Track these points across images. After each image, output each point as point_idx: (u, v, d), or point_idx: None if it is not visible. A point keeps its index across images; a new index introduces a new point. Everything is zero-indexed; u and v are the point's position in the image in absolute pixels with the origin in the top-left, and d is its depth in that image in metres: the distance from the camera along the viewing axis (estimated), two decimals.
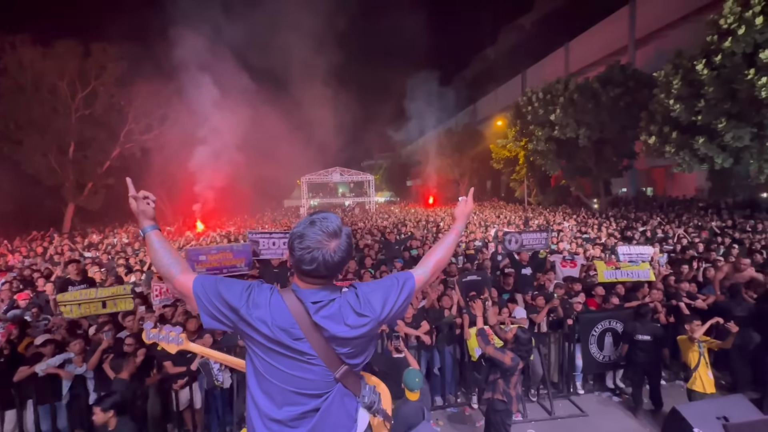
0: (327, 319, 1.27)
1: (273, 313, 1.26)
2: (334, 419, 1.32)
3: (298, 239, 1.27)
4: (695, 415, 2.78)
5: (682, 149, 12.50)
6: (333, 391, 1.32)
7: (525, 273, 6.24)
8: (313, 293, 1.29)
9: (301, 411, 1.29)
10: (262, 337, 1.26)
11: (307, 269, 1.27)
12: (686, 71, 12.12)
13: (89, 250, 12.05)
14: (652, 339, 4.77)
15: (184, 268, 1.38)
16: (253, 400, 1.34)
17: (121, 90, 20.65)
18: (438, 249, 1.59)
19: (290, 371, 1.27)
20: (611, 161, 19.43)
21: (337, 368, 1.30)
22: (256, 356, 1.31)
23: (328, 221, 1.29)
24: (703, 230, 11.46)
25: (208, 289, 1.29)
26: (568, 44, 31.46)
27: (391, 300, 1.35)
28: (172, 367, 4.62)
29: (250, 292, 1.28)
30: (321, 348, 1.27)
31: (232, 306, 1.26)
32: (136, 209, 1.47)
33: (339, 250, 1.28)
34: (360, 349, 1.35)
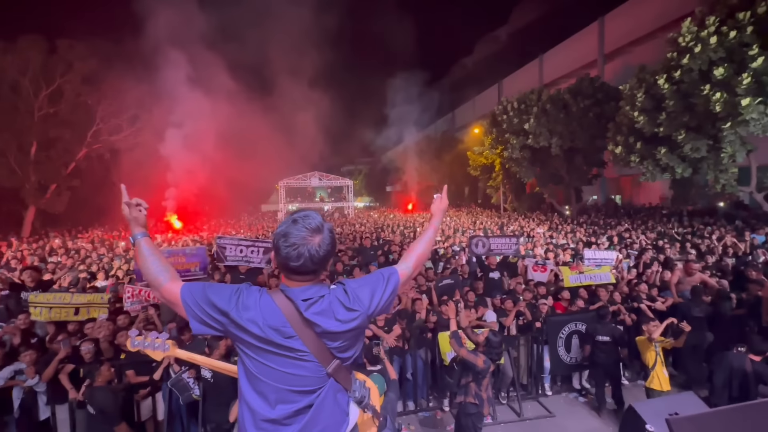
0: (318, 315, 1.30)
1: (264, 313, 1.28)
2: (327, 414, 1.35)
3: (282, 238, 1.30)
4: (649, 412, 2.91)
5: (646, 159, 13.12)
6: (325, 387, 1.35)
7: (493, 277, 6.37)
8: (303, 291, 1.32)
9: (295, 408, 1.31)
10: (254, 338, 1.29)
11: (294, 266, 1.30)
12: (649, 85, 12.77)
13: (51, 255, 11.45)
14: (611, 340, 4.96)
15: (173, 276, 1.40)
16: (246, 403, 1.35)
17: (89, 89, 19.81)
18: (418, 244, 1.65)
19: (283, 369, 1.30)
20: (582, 170, 20.16)
21: (328, 363, 1.33)
22: (248, 358, 1.33)
23: (310, 218, 1.33)
24: (664, 236, 12.05)
25: (195, 295, 1.32)
26: (542, 56, 32.58)
27: (378, 294, 1.40)
28: (135, 377, 4.45)
29: (239, 295, 1.31)
30: (313, 344, 1.30)
31: (221, 310, 1.29)
32: (128, 216, 1.49)
33: (323, 243, 1.32)
34: (350, 343, 1.39)
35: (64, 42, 18.99)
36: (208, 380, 4.05)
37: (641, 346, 4.62)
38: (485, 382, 3.80)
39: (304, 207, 26.60)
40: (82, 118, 19.85)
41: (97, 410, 3.94)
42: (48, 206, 20.00)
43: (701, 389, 5.23)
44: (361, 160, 54.75)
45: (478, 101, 41.36)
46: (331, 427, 1.35)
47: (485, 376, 3.78)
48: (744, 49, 9.93)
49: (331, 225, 1.38)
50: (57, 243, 13.66)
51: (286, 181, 34.11)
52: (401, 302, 5.78)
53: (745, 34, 9.95)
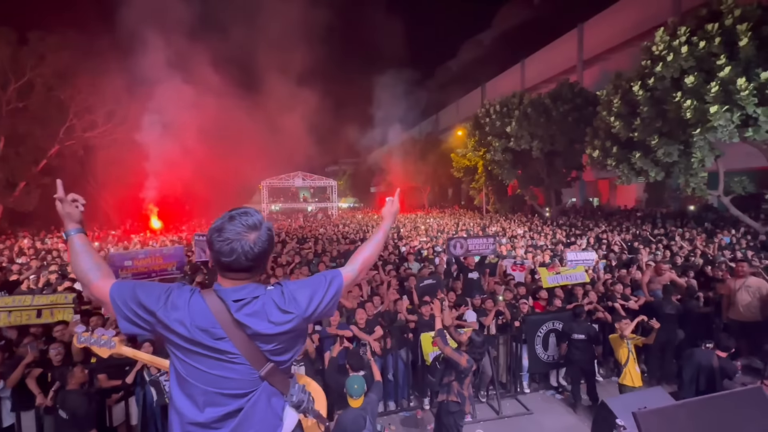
0: (249, 317, 1.26)
1: (192, 313, 1.25)
2: (258, 419, 1.30)
3: (216, 233, 1.27)
4: (619, 407, 3.00)
5: (621, 163, 13.54)
6: (258, 390, 1.31)
7: (472, 277, 6.47)
8: (236, 291, 1.29)
9: (224, 412, 1.28)
10: (181, 339, 1.25)
11: (226, 261, 1.27)
12: (624, 91, 13.20)
13: (19, 256, 10.96)
14: (586, 338, 5.11)
15: (104, 274, 1.36)
16: (174, 406, 1.31)
17: (62, 83, 19.05)
18: (366, 247, 1.61)
19: (212, 371, 1.26)
20: (561, 172, 20.67)
21: (261, 366, 1.29)
22: (177, 359, 1.30)
23: (248, 216, 1.30)
24: (639, 238, 12.48)
25: (125, 293, 1.29)
26: (524, 61, 33.26)
27: (317, 297, 1.36)
28: (107, 381, 4.31)
29: (169, 294, 1.28)
30: (244, 346, 1.26)
31: (148, 309, 1.26)
32: (62, 211, 1.46)
33: (259, 241, 1.29)
34: (286, 346, 1.34)
35: (35, 33, 18.24)
36: None
37: (614, 344, 4.78)
38: (467, 381, 3.85)
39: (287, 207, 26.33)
40: (54, 113, 19.06)
41: (69, 414, 3.80)
42: (17, 205, 19.12)
43: (672, 385, 5.45)
44: (346, 161, 54.62)
45: (462, 104, 41.87)
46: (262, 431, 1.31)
47: (467, 375, 3.83)
48: (712, 58, 10.39)
49: (270, 224, 1.35)
50: (26, 243, 13.10)
51: (268, 180, 33.68)
52: (383, 303, 5.80)
53: (714, 45, 10.41)
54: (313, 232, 17.22)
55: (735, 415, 1.91)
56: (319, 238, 14.47)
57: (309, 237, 14.68)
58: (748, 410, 1.91)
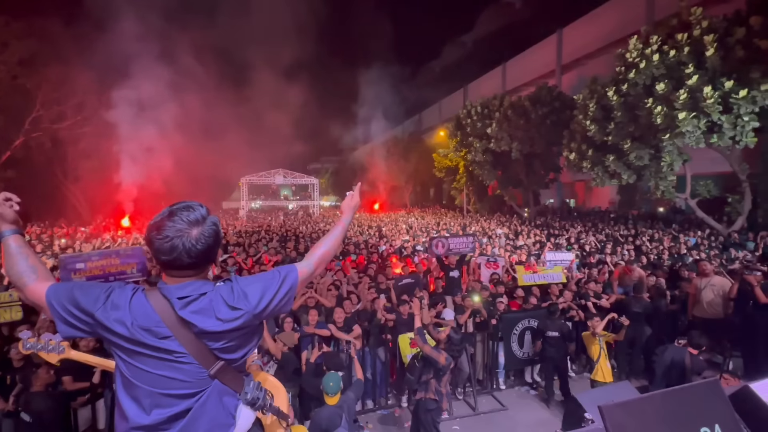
0: (195, 314, 1.22)
1: (134, 313, 1.20)
2: (207, 419, 1.26)
3: (155, 231, 1.21)
4: (589, 402, 3.09)
5: (596, 165, 13.99)
6: (208, 390, 1.26)
7: (453, 275, 6.54)
8: (180, 288, 1.24)
9: (171, 413, 1.23)
10: (122, 340, 1.20)
11: (166, 259, 1.22)
12: (600, 96, 13.63)
13: None
14: (560, 335, 5.25)
15: (41, 277, 1.29)
16: (120, 409, 1.26)
17: (28, 71, 18.12)
18: (323, 242, 1.58)
19: (158, 371, 1.21)
20: (540, 174, 21.16)
21: (211, 365, 1.25)
22: (121, 361, 1.25)
23: (190, 210, 1.24)
24: (610, 238, 12.92)
25: (61, 295, 1.23)
26: (505, 64, 33.85)
27: (269, 293, 1.32)
28: (72, 383, 4.13)
29: (109, 293, 1.22)
30: (191, 345, 1.22)
31: (86, 310, 1.20)
32: None
33: (202, 236, 1.23)
34: (237, 344, 1.30)
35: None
36: None
37: (587, 341, 4.92)
38: (445, 379, 3.89)
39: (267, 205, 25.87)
40: (18, 102, 18.11)
41: (34, 417, 3.63)
42: None
43: (640, 380, 5.66)
44: (328, 159, 54.20)
45: (444, 104, 42.25)
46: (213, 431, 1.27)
47: (446, 373, 3.87)
48: (681, 67, 10.86)
49: (216, 218, 1.29)
50: None
51: (248, 177, 33.07)
52: (360, 302, 5.79)
53: (683, 54, 10.88)
54: (294, 230, 17.02)
55: (694, 407, 1.99)
56: (300, 236, 14.31)
57: (290, 236, 14.50)
58: (706, 402, 2.00)
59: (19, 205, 1.38)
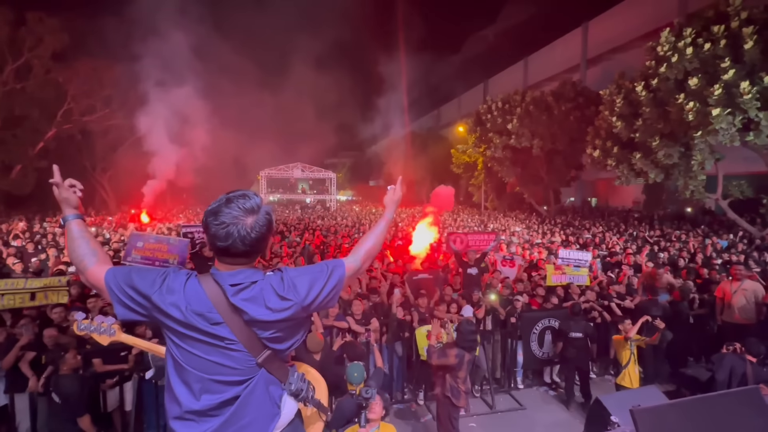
0: (247, 302, 1.23)
1: (188, 297, 1.22)
2: (254, 407, 1.28)
3: (212, 216, 1.23)
4: (614, 405, 3.01)
5: (622, 163, 13.55)
6: (255, 378, 1.28)
7: (471, 273, 6.47)
8: (232, 275, 1.25)
9: (221, 400, 1.25)
10: (177, 324, 1.23)
11: (222, 246, 1.23)
12: (627, 91, 13.16)
13: (14, 239, 10.88)
14: (583, 336, 5.13)
15: (101, 260, 1.35)
16: (171, 393, 1.29)
17: (60, 65, 18.82)
18: (369, 238, 1.56)
19: (209, 357, 1.24)
20: (561, 171, 20.68)
21: (259, 353, 1.27)
22: (174, 345, 1.28)
23: (246, 199, 1.26)
24: (636, 239, 12.53)
25: (120, 279, 1.27)
26: (527, 58, 33.10)
27: (318, 285, 1.32)
28: (102, 366, 4.30)
29: (165, 278, 1.26)
30: (241, 332, 1.24)
31: (143, 293, 1.24)
32: (58, 197, 1.44)
33: (256, 225, 1.25)
34: (284, 335, 1.32)
35: (33, 14, 17.94)
36: None
37: (617, 345, 4.72)
38: (462, 375, 3.85)
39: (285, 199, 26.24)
40: (51, 95, 18.85)
41: (62, 399, 3.80)
42: (13, 188, 18.96)
43: (663, 386, 5.48)
44: (345, 153, 54.34)
45: (464, 99, 41.70)
46: (259, 420, 1.29)
47: (460, 369, 3.84)
48: (717, 61, 10.35)
49: (269, 208, 1.30)
50: (21, 226, 13.01)
51: (267, 171, 33.52)
52: (378, 296, 5.80)
53: (719, 47, 10.36)
54: (312, 224, 17.20)
55: (732, 414, 1.92)
56: (317, 229, 14.46)
57: (309, 229, 14.67)
58: (745, 410, 1.92)
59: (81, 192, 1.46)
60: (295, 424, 1.38)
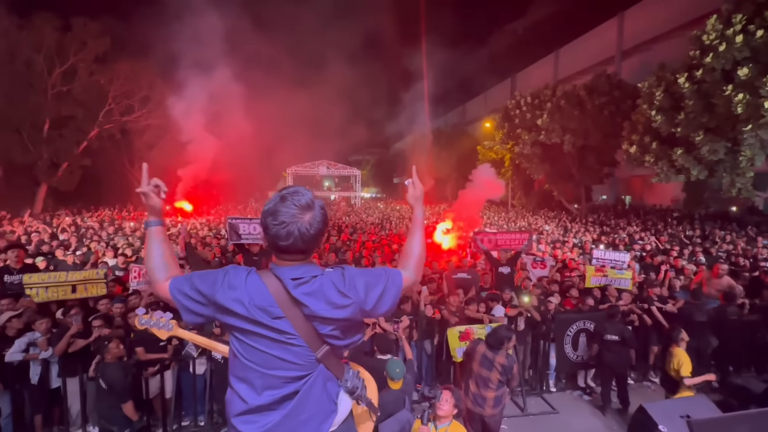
0: (307, 296, 1.24)
1: (250, 292, 1.24)
2: (313, 403, 1.30)
3: (271, 216, 1.24)
4: (660, 414, 2.88)
5: (661, 159, 12.89)
6: (314, 373, 1.30)
7: (502, 271, 6.33)
8: (293, 270, 1.27)
9: (282, 394, 1.27)
10: (240, 319, 1.25)
11: (284, 245, 1.25)
12: (668, 84, 12.49)
13: (62, 233, 11.60)
14: (620, 339, 4.91)
15: (168, 274, 1.38)
16: (233, 388, 1.33)
17: (102, 68, 19.82)
18: (413, 247, 1.51)
19: (271, 352, 1.26)
20: (593, 168, 19.90)
21: (318, 348, 1.28)
22: (237, 341, 1.30)
23: (299, 195, 1.26)
24: (675, 239, 11.89)
25: (181, 286, 1.30)
26: (558, 51, 32.01)
27: (377, 289, 1.31)
28: (144, 354, 4.50)
29: (225, 275, 1.28)
30: (302, 326, 1.25)
31: (206, 294, 1.26)
32: (144, 202, 1.48)
33: (314, 221, 1.26)
34: (343, 332, 1.32)
35: (78, 20, 18.96)
36: (218, 361, 4.10)
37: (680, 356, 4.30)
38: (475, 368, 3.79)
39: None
40: (94, 97, 19.88)
41: (107, 385, 4.01)
42: (60, 184, 20.19)
43: (708, 395, 5.18)
44: (369, 150, 54.50)
45: (490, 95, 40.89)
46: (318, 416, 1.30)
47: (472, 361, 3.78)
48: None
49: (322, 202, 1.31)
50: (68, 221, 13.83)
51: (294, 168, 34.13)
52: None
53: None
54: (339, 221, 17.39)
55: None
56: (344, 226, 14.60)
57: (335, 226, 14.85)
58: None
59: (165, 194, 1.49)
60: (349, 423, 1.38)
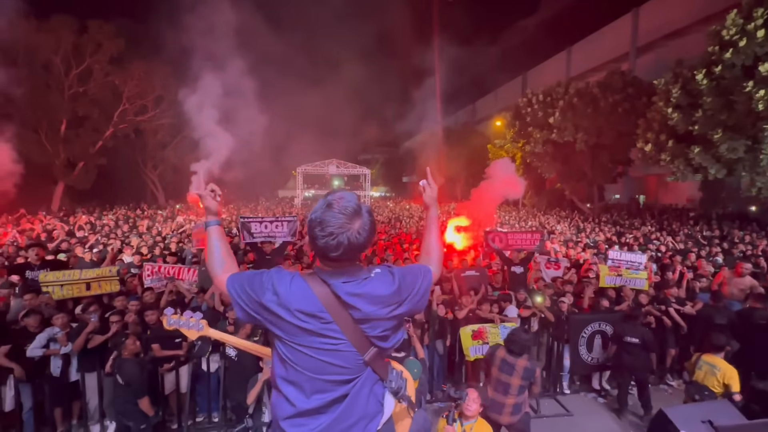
0: (358, 299, 1.23)
1: (296, 298, 1.23)
2: (362, 405, 1.29)
3: (318, 227, 1.20)
4: (681, 418, 2.81)
5: (677, 158, 12.61)
6: (362, 376, 1.30)
7: (515, 271, 6.27)
8: (340, 274, 1.26)
9: (331, 398, 1.27)
10: (287, 324, 1.24)
11: (334, 256, 1.22)
12: (686, 80, 12.20)
13: (78, 230, 11.84)
14: (640, 342, 4.82)
15: (226, 268, 1.44)
16: (280, 392, 1.32)
17: (117, 69, 20.17)
18: (432, 245, 1.56)
19: (319, 357, 1.25)
20: (607, 167, 19.59)
21: (366, 351, 1.27)
22: (283, 344, 1.28)
23: (345, 201, 1.23)
24: (691, 239, 11.62)
25: (237, 284, 1.32)
26: (570, 48, 31.55)
27: (421, 286, 1.34)
28: (159, 351, 4.56)
29: (270, 279, 1.27)
30: (350, 330, 1.24)
31: (255, 298, 1.27)
32: (202, 204, 1.56)
33: (363, 229, 1.22)
34: (391, 332, 1.32)
35: (94, 22, 19.31)
36: (231, 358, 4.13)
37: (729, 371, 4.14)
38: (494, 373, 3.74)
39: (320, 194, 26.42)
40: (109, 97, 20.27)
41: (124, 381, 4.08)
42: (76, 183, 20.64)
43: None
44: (378, 149, 54.47)
45: (501, 93, 40.50)
46: (366, 418, 1.30)
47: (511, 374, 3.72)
48: None
49: (368, 206, 1.28)
50: (84, 219, 14.12)
51: (303, 167, 34.30)
52: None
53: None
54: None
55: None
56: None
57: None
58: None
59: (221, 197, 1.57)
60: (390, 422, 1.37)
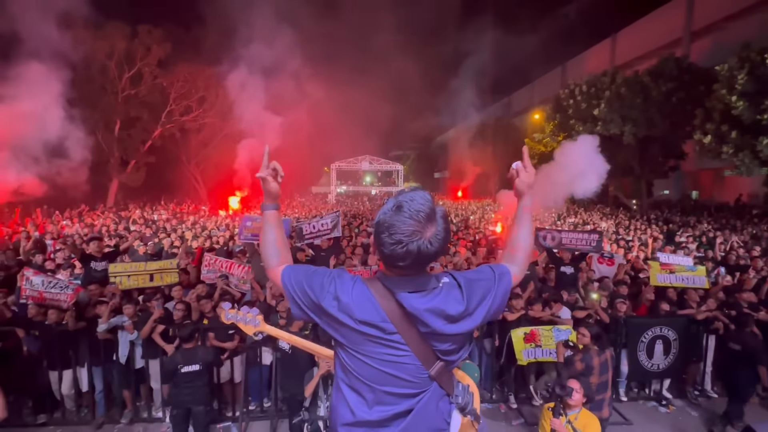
0: (425, 312, 1.13)
1: (358, 305, 1.14)
2: (427, 422, 1.21)
3: (386, 232, 1.09)
4: None
5: (742, 150, 11.60)
6: (428, 391, 1.21)
7: (564, 271, 5.99)
8: (407, 282, 1.15)
9: (394, 412, 1.19)
10: (347, 330, 1.17)
11: (402, 265, 1.12)
12: (754, 65, 11.17)
13: (134, 224, 12.63)
14: (741, 349, 4.45)
15: (282, 260, 1.35)
16: (341, 396, 1.25)
17: (164, 72, 21.27)
18: (521, 238, 1.38)
19: (381, 368, 1.17)
20: (657, 161, 18.39)
21: (432, 365, 1.18)
22: (344, 351, 1.22)
23: (417, 203, 1.09)
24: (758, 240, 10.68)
25: (293, 280, 1.24)
26: (616, 35, 29.79)
27: (491, 295, 1.21)
28: (214, 340, 4.76)
29: (332, 282, 1.19)
30: (415, 343, 1.15)
31: (314, 300, 1.19)
32: (263, 187, 1.43)
33: (436, 239, 1.09)
34: (459, 346, 1.23)
35: (143, 27, 20.41)
36: (285, 351, 4.23)
37: None
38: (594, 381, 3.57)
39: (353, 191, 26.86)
40: (157, 99, 21.44)
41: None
42: (128, 180, 22.07)
43: None
44: (410, 145, 54.20)
45: (538, 85, 38.99)
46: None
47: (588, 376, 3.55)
48: None
49: (443, 210, 1.13)
50: (138, 214, 15.03)
51: (337, 163, 34.73)
52: None
53: None
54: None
55: None
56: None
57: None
58: None
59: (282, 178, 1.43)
60: None
